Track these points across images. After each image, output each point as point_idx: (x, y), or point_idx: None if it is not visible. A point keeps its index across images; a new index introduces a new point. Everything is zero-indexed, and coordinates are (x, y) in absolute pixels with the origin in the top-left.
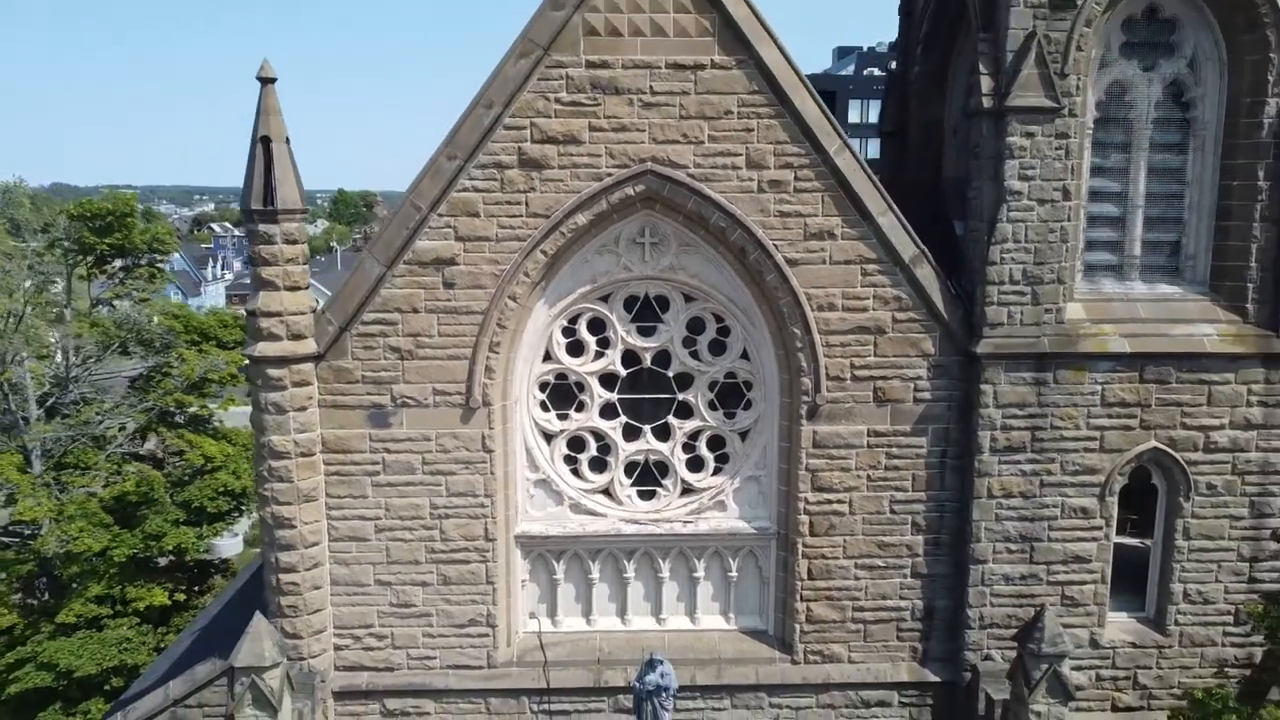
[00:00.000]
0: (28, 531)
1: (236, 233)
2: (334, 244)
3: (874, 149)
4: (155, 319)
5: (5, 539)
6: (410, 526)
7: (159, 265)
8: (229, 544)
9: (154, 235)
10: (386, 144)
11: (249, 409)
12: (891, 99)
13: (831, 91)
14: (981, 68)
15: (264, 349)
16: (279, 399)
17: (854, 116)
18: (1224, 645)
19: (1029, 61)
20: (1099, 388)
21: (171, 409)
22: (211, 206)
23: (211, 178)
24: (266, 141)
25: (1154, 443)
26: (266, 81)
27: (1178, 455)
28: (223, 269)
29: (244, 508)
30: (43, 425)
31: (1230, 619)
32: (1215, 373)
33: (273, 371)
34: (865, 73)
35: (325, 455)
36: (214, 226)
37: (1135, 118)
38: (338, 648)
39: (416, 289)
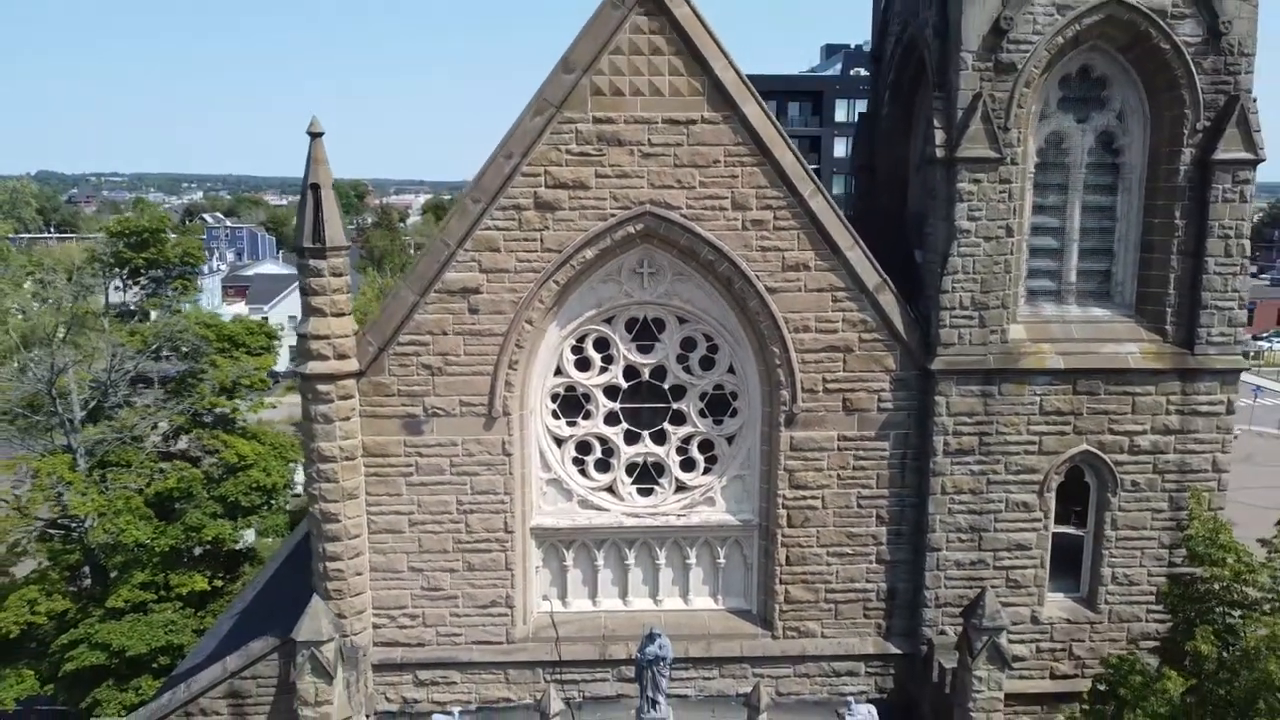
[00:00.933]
0: (74, 524)
1: (228, 223)
2: None
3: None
4: (190, 328)
5: (51, 530)
6: (439, 520)
7: (189, 276)
8: (244, 536)
9: (185, 249)
10: (375, 130)
11: (270, 410)
12: (862, 137)
13: (819, 91)
14: (935, 122)
15: (314, 367)
16: (326, 410)
17: (840, 115)
18: (1147, 621)
19: (975, 119)
20: (1038, 398)
21: (207, 411)
22: (200, 194)
23: (199, 165)
24: (316, 188)
25: (1085, 446)
26: (315, 135)
27: (1106, 457)
28: (218, 262)
29: (273, 502)
30: (91, 428)
31: (1152, 598)
32: (1138, 385)
33: (321, 387)
34: (852, 72)
35: (366, 459)
36: (205, 217)
37: (1071, 163)
38: (376, 626)
39: (445, 314)
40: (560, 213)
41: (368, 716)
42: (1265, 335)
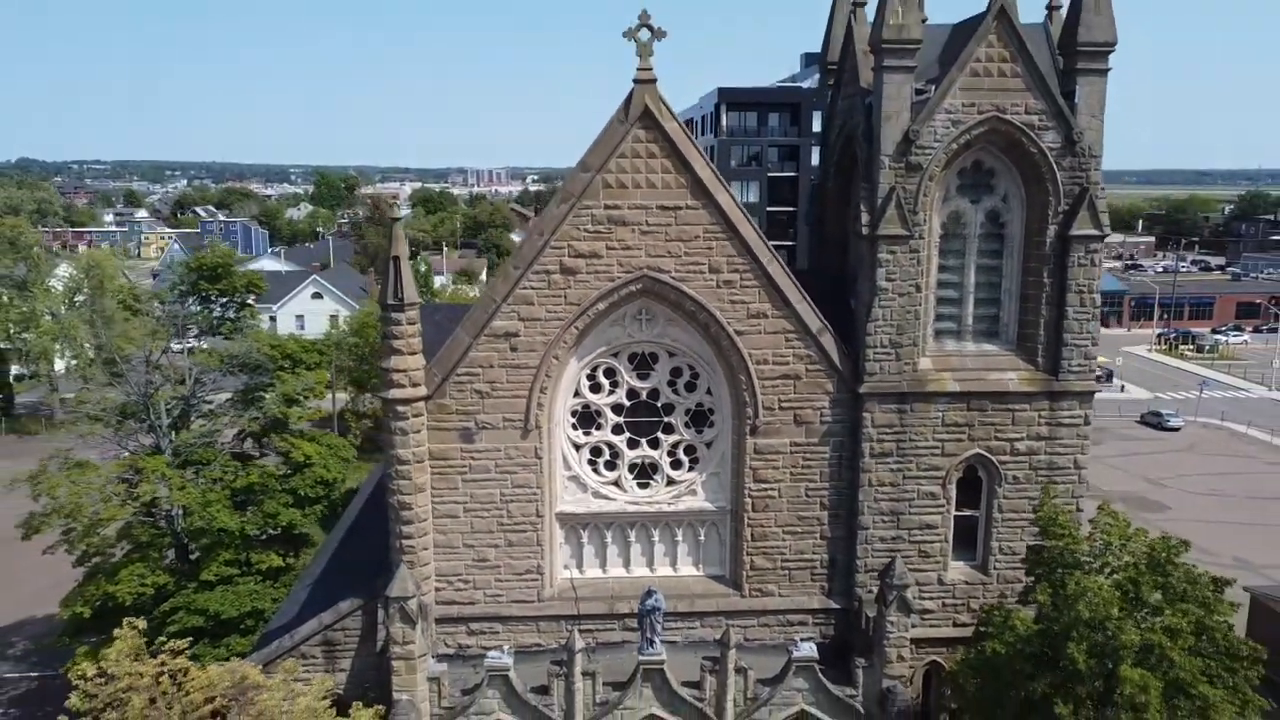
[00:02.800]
0: (163, 513)
1: (221, 217)
2: (320, 229)
3: None
4: (259, 348)
5: (144, 518)
6: (486, 508)
7: (249, 303)
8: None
9: (249, 280)
10: (359, 117)
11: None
12: (814, 202)
13: (796, 104)
14: (863, 207)
15: (394, 393)
16: (403, 425)
17: (818, 125)
18: (1021, 581)
19: (891, 205)
20: (940, 414)
21: (274, 418)
22: (185, 182)
23: (183, 152)
24: (396, 260)
25: (977, 450)
26: (395, 220)
27: (993, 458)
28: None
29: (332, 495)
30: (185, 432)
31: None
32: (1017, 404)
33: (400, 408)
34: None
35: (431, 462)
36: (198, 210)
37: (967, 234)
38: (438, 589)
39: (493, 352)
40: (579, 276)
41: (434, 657)
42: (1224, 329)
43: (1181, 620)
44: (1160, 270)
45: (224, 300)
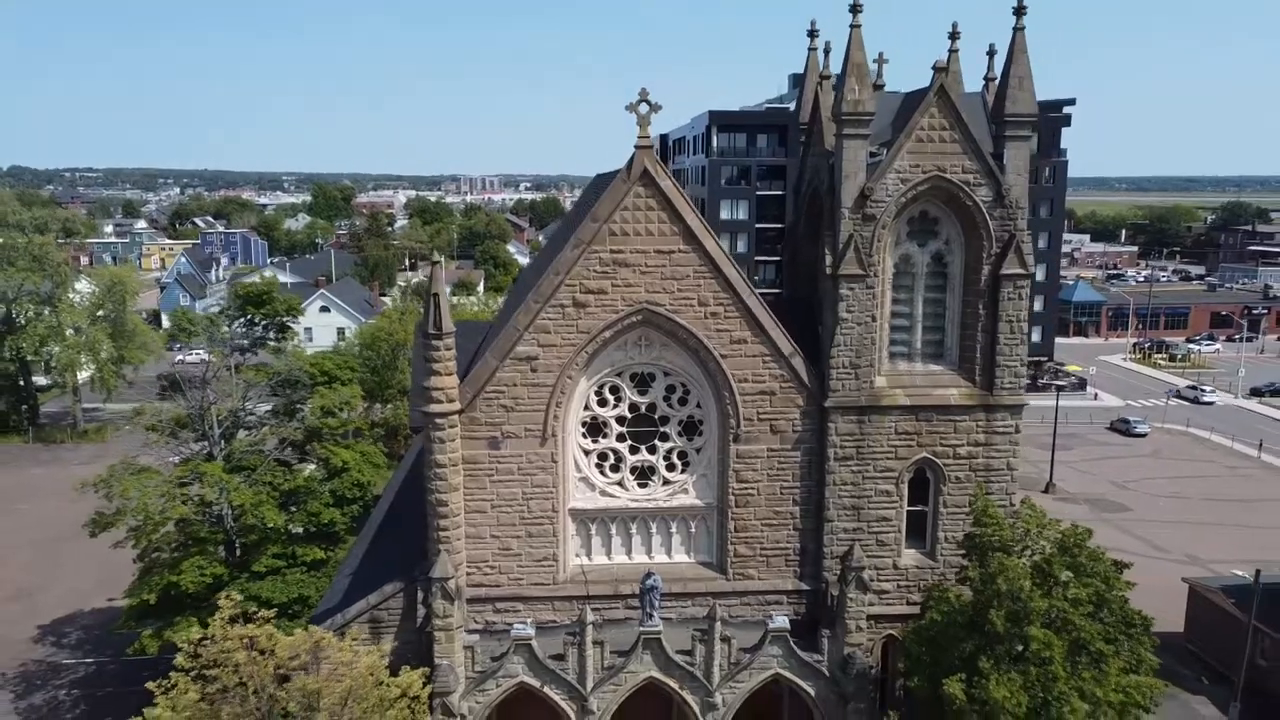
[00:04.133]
0: (215, 513)
1: (220, 227)
2: (318, 240)
3: None
4: (301, 366)
5: (199, 518)
6: (510, 505)
7: (289, 325)
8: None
9: (289, 304)
10: (354, 125)
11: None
12: (787, 240)
13: (783, 125)
14: (827, 250)
15: (434, 408)
16: (440, 435)
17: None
18: (962, 565)
19: (850, 250)
20: (893, 424)
21: (316, 427)
22: (177, 190)
23: (174, 160)
24: (436, 296)
25: (925, 454)
26: (435, 263)
27: (938, 461)
28: (222, 271)
29: (366, 496)
30: (238, 440)
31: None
32: (957, 416)
33: (439, 420)
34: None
35: (464, 465)
36: (197, 221)
37: (916, 273)
38: (468, 574)
39: (516, 373)
40: (589, 309)
41: (467, 632)
42: (1198, 339)
43: (1083, 592)
44: (1142, 279)
45: (265, 322)
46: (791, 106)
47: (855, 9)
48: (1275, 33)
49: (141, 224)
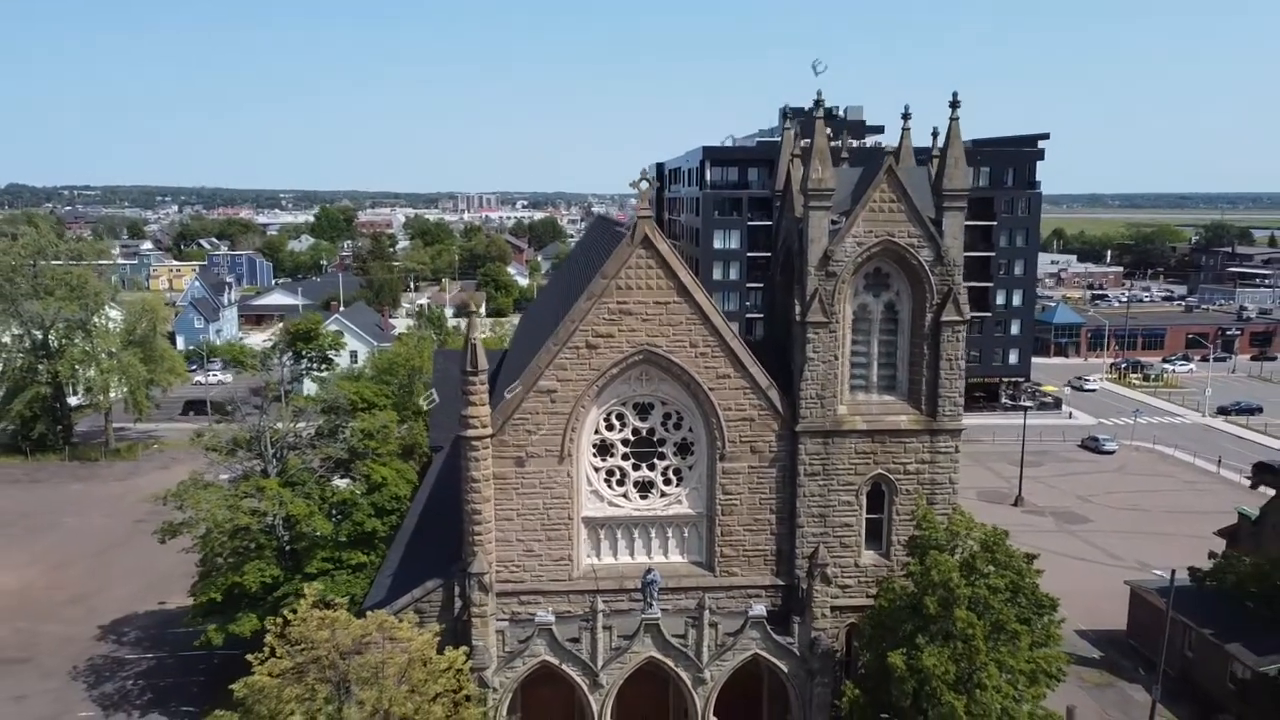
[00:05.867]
0: (268, 522)
1: (224, 249)
2: (322, 261)
3: None
4: (346, 395)
5: (258, 527)
6: (533, 513)
7: (330, 356)
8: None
9: (332, 340)
10: (350, 142)
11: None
12: (767, 287)
13: (772, 160)
14: (796, 300)
15: (470, 433)
16: (475, 455)
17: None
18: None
19: (815, 301)
20: (853, 445)
21: (356, 448)
22: (175, 208)
23: (171, 178)
24: (474, 343)
25: (880, 471)
26: (472, 312)
27: (891, 476)
28: (233, 294)
29: (402, 508)
30: (293, 458)
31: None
32: (907, 439)
33: (474, 443)
34: (803, 143)
35: (495, 480)
36: (202, 243)
37: (871, 318)
38: (497, 572)
39: (538, 403)
40: (599, 350)
41: (497, 619)
42: (1173, 359)
43: (1000, 581)
44: (1124, 300)
45: (312, 355)
46: (779, 140)
47: (818, 103)
48: (1274, 46)
49: (147, 245)
